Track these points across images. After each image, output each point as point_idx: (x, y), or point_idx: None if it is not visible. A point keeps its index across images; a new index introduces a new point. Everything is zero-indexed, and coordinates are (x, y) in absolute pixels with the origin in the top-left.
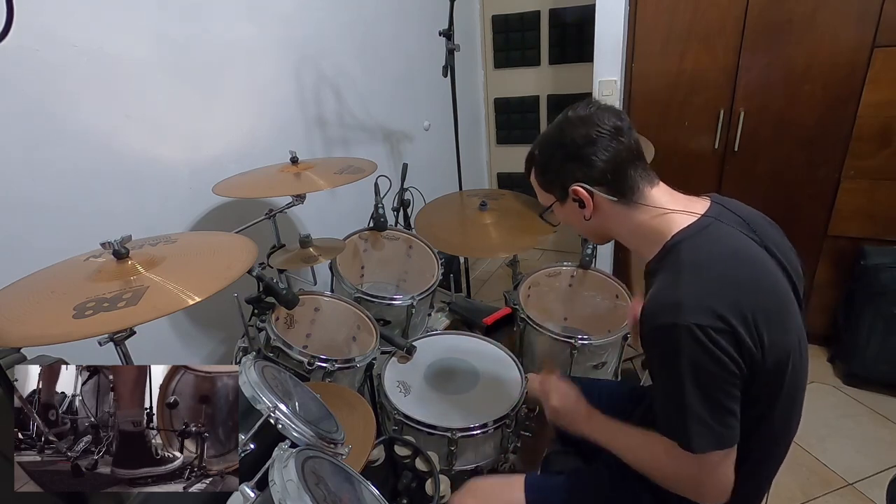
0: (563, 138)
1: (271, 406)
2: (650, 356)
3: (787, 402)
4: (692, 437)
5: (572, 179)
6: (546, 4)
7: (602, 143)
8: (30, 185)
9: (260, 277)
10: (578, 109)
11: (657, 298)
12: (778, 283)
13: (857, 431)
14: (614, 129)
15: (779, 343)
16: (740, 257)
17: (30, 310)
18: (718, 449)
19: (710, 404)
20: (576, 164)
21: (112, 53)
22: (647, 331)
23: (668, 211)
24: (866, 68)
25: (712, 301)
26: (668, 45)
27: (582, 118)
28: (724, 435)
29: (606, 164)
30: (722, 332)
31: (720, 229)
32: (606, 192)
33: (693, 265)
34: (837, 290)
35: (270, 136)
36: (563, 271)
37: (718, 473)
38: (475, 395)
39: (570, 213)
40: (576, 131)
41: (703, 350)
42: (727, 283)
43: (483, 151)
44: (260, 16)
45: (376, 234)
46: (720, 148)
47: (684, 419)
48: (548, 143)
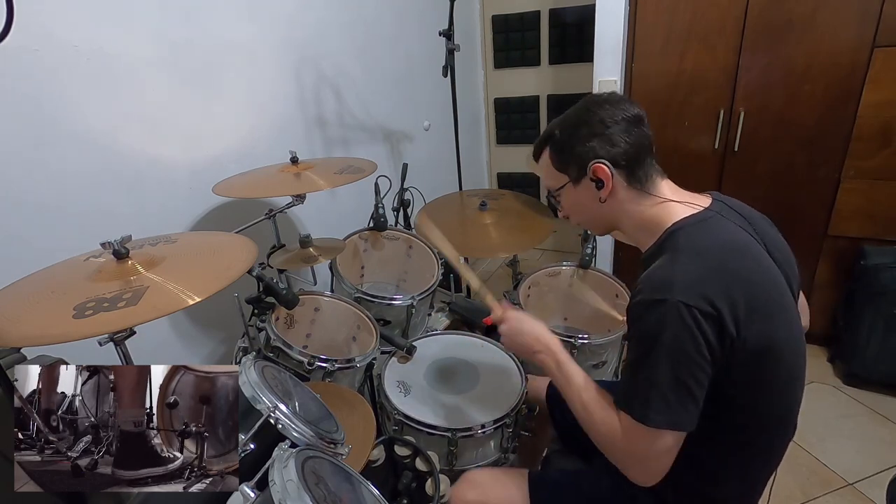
0: (590, 117)
1: (271, 406)
2: (632, 329)
3: (777, 398)
4: (650, 410)
5: (594, 156)
6: (546, 4)
7: (627, 126)
8: (30, 185)
9: (260, 277)
10: (601, 96)
11: (650, 276)
12: (774, 279)
13: (857, 431)
14: (637, 117)
15: (769, 336)
16: (736, 249)
17: (30, 310)
18: (672, 429)
19: (677, 384)
20: (601, 141)
21: (112, 53)
22: (635, 303)
23: (672, 200)
24: (866, 68)
25: (704, 284)
26: (668, 45)
27: (608, 101)
28: (681, 417)
29: (629, 147)
30: (707, 316)
31: (720, 222)
32: (623, 177)
33: (690, 250)
34: (837, 290)
35: (270, 136)
36: (563, 271)
37: (662, 453)
38: (475, 395)
39: (583, 194)
40: (603, 111)
41: (685, 329)
42: (720, 270)
43: (483, 151)
44: (260, 16)
45: (376, 234)
46: (720, 148)
47: (647, 392)
48: (571, 122)
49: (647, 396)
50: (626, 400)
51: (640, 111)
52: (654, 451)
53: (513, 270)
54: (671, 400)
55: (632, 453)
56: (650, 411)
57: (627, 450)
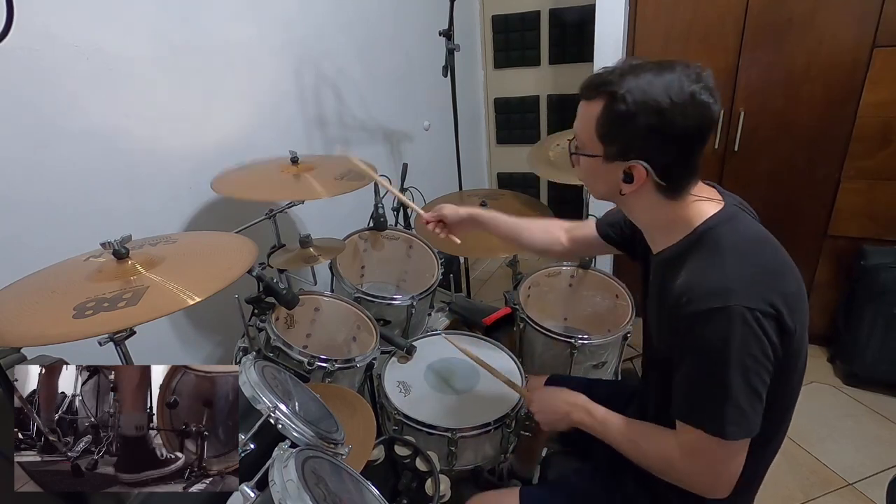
0: (665, 109)
1: (271, 406)
2: (688, 340)
3: (790, 394)
4: (727, 423)
5: (642, 154)
6: (546, 4)
7: (694, 137)
8: (30, 185)
9: (260, 277)
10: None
11: (701, 282)
12: (794, 268)
13: (857, 431)
14: (712, 125)
15: (800, 330)
16: (768, 243)
17: (30, 310)
18: (748, 437)
19: (749, 391)
20: (657, 142)
21: (112, 53)
22: (689, 313)
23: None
24: (866, 68)
25: (760, 286)
26: (668, 45)
27: (694, 97)
28: (754, 423)
29: (683, 158)
30: (770, 317)
31: (744, 217)
32: (657, 184)
33: (734, 250)
34: (837, 290)
35: (270, 136)
36: (563, 271)
37: (737, 463)
38: (475, 395)
39: (606, 175)
40: (686, 110)
41: (752, 334)
42: (767, 268)
43: (483, 151)
44: (260, 16)
45: (376, 233)
46: (720, 148)
47: (722, 405)
48: (645, 100)
49: (721, 411)
50: (694, 415)
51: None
52: (729, 461)
53: (513, 270)
54: (746, 409)
55: (702, 469)
56: (727, 425)
57: (695, 467)
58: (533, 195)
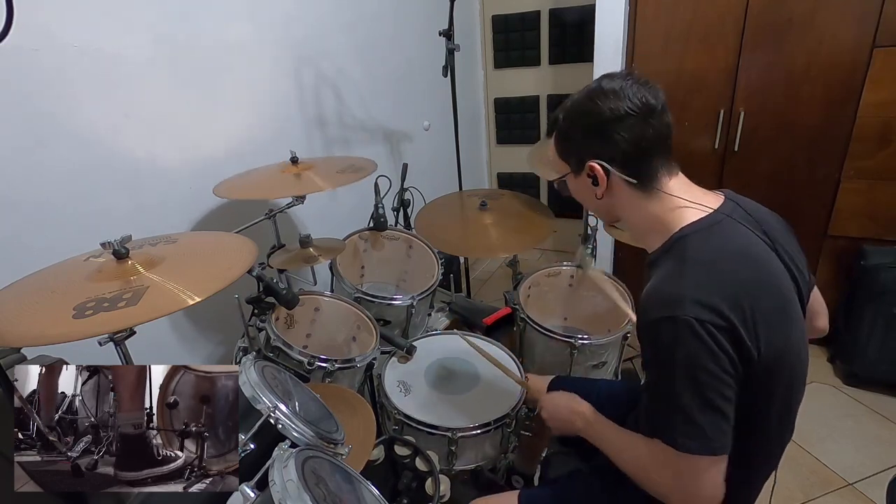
0: (590, 108)
1: (271, 406)
2: (645, 349)
3: (783, 408)
4: (677, 435)
5: (591, 154)
6: (546, 4)
7: (629, 121)
8: (30, 185)
9: (260, 277)
10: (614, 80)
11: (658, 290)
12: (782, 286)
13: (857, 431)
14: (646, 109)
15: (776, 345)
16: (747, 255)
17: (29, 310)
18: (705, 454)
19: (701, 402)
20: (597, 139)
21: (112, 53)
22: (645, 323)
23: (681, 205)
24: (866, 68)
25: (714, 297)
26: (668, 45)
27: (615, 91)
28: (714, 440)
29: (629, 145)
30: (721, 329)
31: (730, 226)
32: (624, 174)
33: (697, 260)
34: (837, 290)
35: (270, 136)
36: (563, 271)
37: (704, 480)
38: (475, 395)
39: (582, 187)
40: (604, 103)
41: (701, 345)
42: (730, 280)
43: (483, 151)
44: (260, 15)
45: (376, 234)
46: (720, 148)
47: (671, 415)
48: (573, 111)
49: (671, 422)
50: (651, 424)
51: (651, 101)
52: (697, 476)
53: (513, 270)
54: (701, 425)
55: (670, 481)
56: (678, 436)
57: (664, 478)
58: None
